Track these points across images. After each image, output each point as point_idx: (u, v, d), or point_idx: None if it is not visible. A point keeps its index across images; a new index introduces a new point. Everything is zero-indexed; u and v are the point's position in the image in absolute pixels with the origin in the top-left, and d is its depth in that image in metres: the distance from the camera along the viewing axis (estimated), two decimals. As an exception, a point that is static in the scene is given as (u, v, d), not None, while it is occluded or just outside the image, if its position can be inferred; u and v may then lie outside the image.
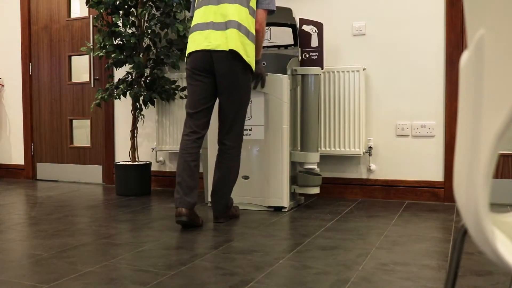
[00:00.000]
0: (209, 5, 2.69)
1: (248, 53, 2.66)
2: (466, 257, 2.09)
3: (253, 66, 2.72)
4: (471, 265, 1.99)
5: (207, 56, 2.63)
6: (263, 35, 2.78)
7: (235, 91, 2.68)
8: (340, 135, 3.48)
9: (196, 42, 2.67)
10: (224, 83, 2.66)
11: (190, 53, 2.71)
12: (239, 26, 2.62)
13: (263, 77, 3.00)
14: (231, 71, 2.63)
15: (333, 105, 3.50)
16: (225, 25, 2.63)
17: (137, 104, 4.00)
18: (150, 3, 3.79)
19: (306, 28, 3.36)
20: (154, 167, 4.25)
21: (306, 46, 3.36)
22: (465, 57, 0.72)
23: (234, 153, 2.77)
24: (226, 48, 2.60)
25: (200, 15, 2.71)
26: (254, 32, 2.71)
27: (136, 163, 3.84)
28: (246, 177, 3.18)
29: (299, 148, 3.28)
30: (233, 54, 2.61)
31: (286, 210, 3.13)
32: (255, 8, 2.74)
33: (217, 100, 3.08)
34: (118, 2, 3.74)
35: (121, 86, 3.76)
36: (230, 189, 2.81)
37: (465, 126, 0.71)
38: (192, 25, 2.75)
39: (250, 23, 2.68)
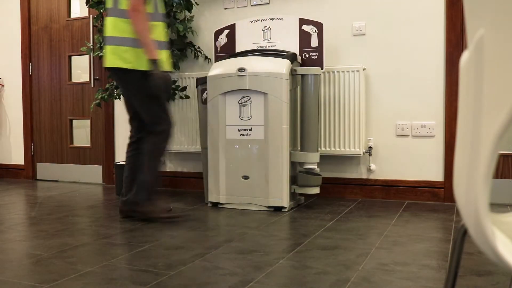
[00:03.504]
0: (106, 17, 2.85)
1: (128, 59, 2.74)
2: (466, 257, 2.09)
3: (141, 66, 2.74)
4: (471, 265, 1.99)
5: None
6: (138, 21, 2.64)
7: (130, 95, 2.88)
8: (340, 135, 3.48)
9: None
10: (121, 90, 2.96)
11: None
12: (112, 40, 2.76)
13: (166, 80, 2.71)
14: (118, 81, 2.85)
15: (333, 105, 3.49)
16: (106, 41, 2.81)
17: (137, 104, 4.00)
18: (150, 3, 3.79)
19: (306, 28, 3.35)
20: (154, 167, 4.24)
21: (306, 46, 3.36)
22: (465, 57, 0.72)
23: (157, 129, 2.85)
24: (104, 65, 2.84)
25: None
26: (130, 35, 2.72)
27: (136, 163, 3.83)
28: (246, 177, 3.18)
29: (299, 148, 3.28)
30: (112, 68, 2.80)
31: (286, 210, 3.12)
32: (127, 8, 2.70)
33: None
34: (118, 2, 3.74)
35: (121, 86, 3.75)
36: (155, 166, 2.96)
37: (465, 126, 0.71)
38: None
39: (122, 28, 2.73)
